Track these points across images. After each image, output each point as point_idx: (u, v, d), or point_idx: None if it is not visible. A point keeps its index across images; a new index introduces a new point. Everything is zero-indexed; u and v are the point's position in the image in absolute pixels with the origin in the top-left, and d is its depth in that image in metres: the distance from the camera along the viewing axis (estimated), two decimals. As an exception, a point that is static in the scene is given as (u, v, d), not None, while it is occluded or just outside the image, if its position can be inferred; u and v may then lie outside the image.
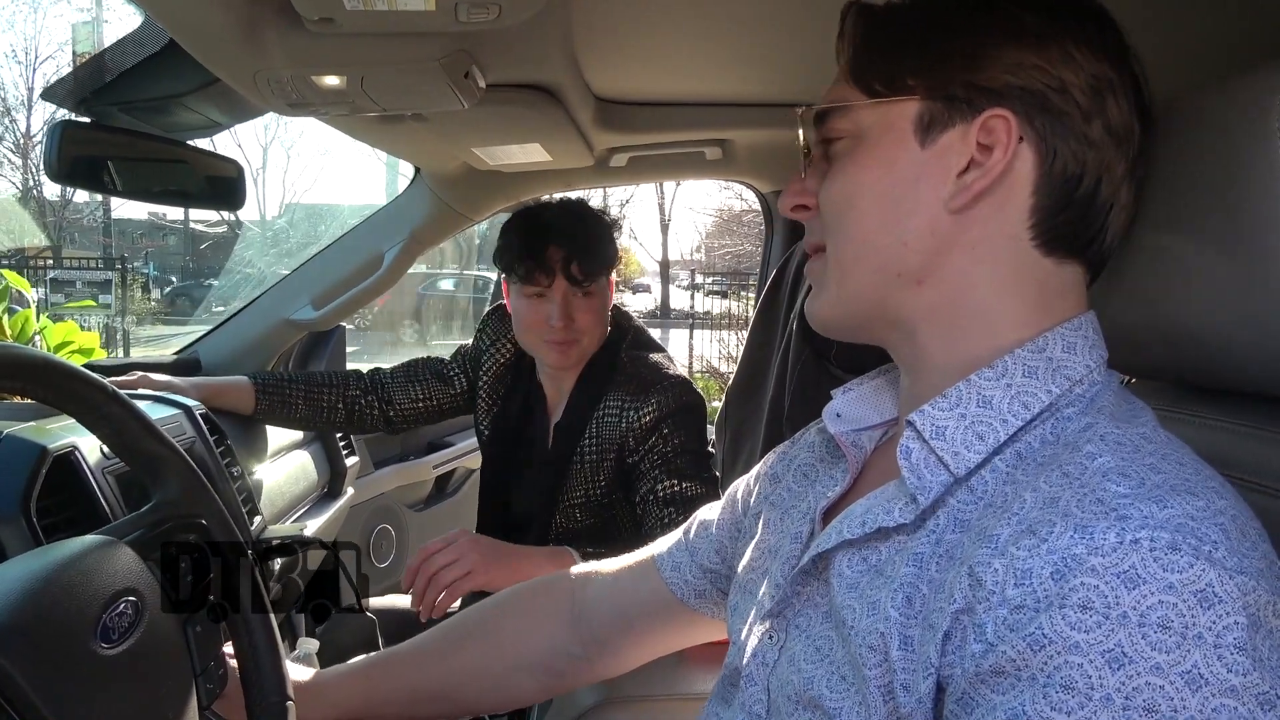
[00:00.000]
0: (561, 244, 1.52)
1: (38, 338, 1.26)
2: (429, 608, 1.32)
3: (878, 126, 0.67)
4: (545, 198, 1.71)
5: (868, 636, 0.59)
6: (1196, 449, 0.59)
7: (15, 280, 1.24)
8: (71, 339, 1.30)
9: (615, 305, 1.72)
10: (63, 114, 1.22)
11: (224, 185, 1.46)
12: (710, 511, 0.97)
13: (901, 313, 0.68)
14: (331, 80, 1.11)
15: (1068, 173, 0.63)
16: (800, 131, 0.75)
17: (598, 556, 1.38)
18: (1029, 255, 0.65)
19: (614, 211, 1.93)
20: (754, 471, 0.92)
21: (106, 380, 0.83)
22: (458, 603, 1.35)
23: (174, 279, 22.25)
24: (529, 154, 1.73)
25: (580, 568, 1.05)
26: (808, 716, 0.64)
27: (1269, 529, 0.54)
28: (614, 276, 1.66)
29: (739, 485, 0.93)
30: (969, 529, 0.58)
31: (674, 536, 1.00)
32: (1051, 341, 0.64)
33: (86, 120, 1.21)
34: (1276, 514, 0.62)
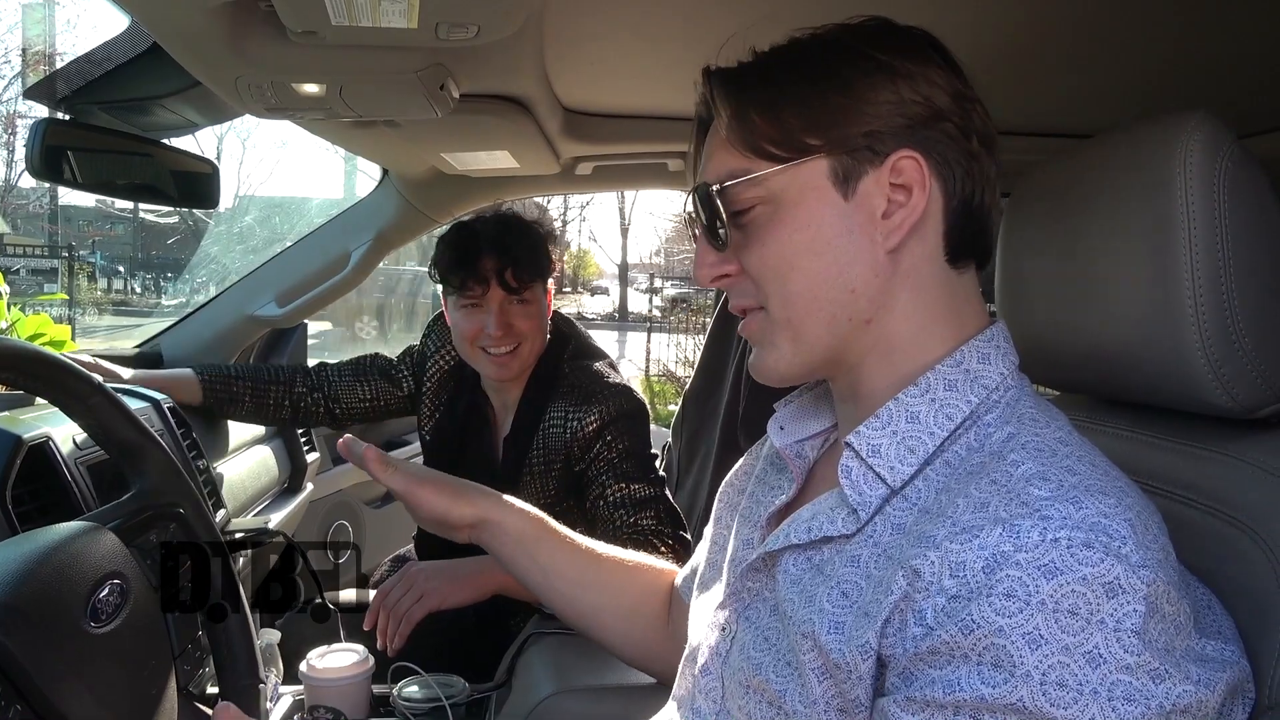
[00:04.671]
0: (494, 253, 1.56)
1: (3, 326, 1.27)
2: (389, 638, 1.39)
3: (793, 189, 0.70)
4: (479, 211, 1.74)
5: (802, 625, 0.66)
6: (1109, 457, 0.65)
7: (-13, 273, 1.26)
8: (44, 331, 1.31)
9: (556, 312, 1.74)
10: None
11: (199, 183, 1.49)
12: (706, 530, 1.01)
13: (853, 351, 0.73)
14: (311, 88, 1.15)
15: (966, 190, 0.69)
16: (690, 206, 0.75)
17: None
18: (944, 271, 0.71)
19: (573, 214, 1.99)
20: (723, 484, 0.97)
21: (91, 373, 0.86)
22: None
23: (121, 269, 21.76)
24: (497, 160, 1.78)
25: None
26: (755, 700, 0.69)
27: (1173, 530, 0.61)
28: (550, 286, 1.68)
29: (716, 501, 0.97)
30: (906, 532, 0.64)
31: (690, 561, 1.03)
32: (968, 354, 0.70)
33: (68, 118, 1.23)
34: (1179, 516, 0.69)
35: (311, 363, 1.98)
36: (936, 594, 0.57)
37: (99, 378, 0.85)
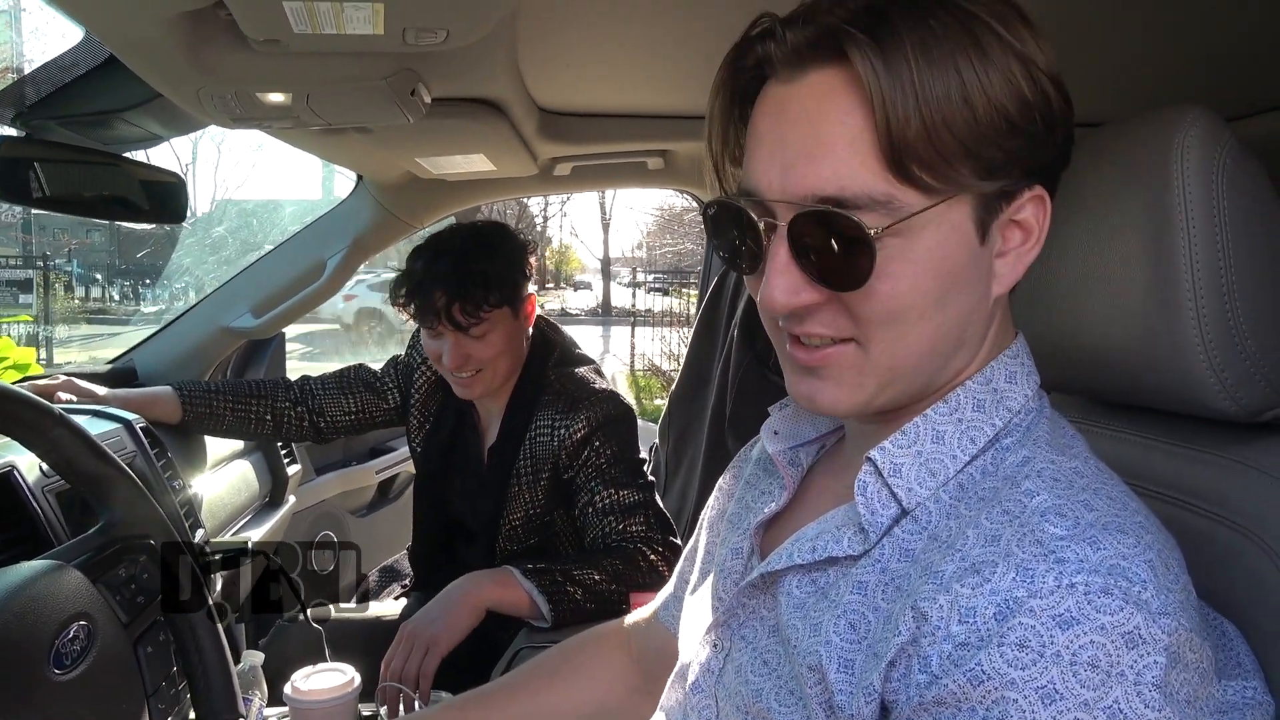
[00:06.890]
0: (445, 287, 1.48)
1: (-31, 352, 1.23)
2: (408, 705, 1.33)
3: (933, 225, 0.58)
4: (453, 223, 1.68)
5: (808, 657, 0.62)
6: (1107, 460, 0.63)
7: (-53, 294, 1.21)
8: (7, 355, 1.26)
9: (541, 317, 1.69)
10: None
11: (165, 197, 1.45)
12: (688, 546, 0.98)
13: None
14: (277, 97, 1.11)
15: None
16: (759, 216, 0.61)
17: (539, 573, 1.42)
18: (1005, 296, 0.65)
19: (553, 210, 1.93)
20: (715, 491, 0.93)
21: (50, 403, 0.82)
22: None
23: (98, 276, 21.49)
24: (473, 164, 1.74)
25: (631, 616, 1.06)
26: None
27: (1175, 536, 0.59)
28: (531, 293, 1.62)
29: (705, 510, 0.94)
30: (914, 560, 0.61)
31: (670, 584, 1.00)
32: (996, 372, 0.65)
33: (23, 135, 1.18)
34: (1180, 522, 0.67)
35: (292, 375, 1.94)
36: (944, 640, 0.54)
37: (64, 402, 0.82)
